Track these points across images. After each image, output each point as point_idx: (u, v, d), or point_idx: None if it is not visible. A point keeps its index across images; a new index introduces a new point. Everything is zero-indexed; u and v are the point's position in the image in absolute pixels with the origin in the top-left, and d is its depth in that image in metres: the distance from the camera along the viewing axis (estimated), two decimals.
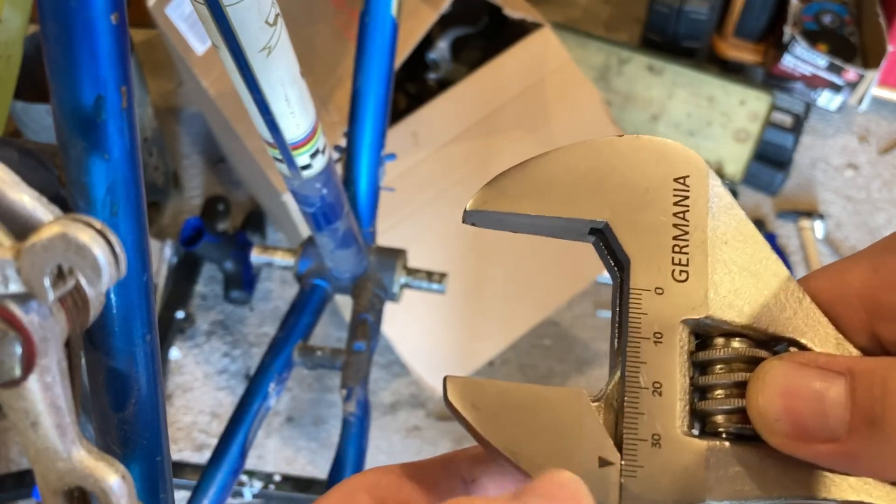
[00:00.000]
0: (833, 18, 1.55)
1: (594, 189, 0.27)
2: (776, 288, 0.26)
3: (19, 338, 0.22)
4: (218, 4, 0.50)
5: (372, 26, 0.80)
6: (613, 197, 0.26)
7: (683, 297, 0.26)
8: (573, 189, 0.27)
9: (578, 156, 0.27)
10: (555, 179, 0.27)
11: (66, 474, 0.25)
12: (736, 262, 0.26)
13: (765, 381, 0.24)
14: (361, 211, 0.86)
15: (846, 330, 0.25)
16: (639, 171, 0.26)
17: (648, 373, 0.25)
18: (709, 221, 0.26)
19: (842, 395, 0.23)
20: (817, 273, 0.26)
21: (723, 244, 0.26)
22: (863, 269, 0.25)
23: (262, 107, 0.59)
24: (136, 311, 0.42)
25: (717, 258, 0.26)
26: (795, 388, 0.23)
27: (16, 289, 0.22)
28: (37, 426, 0.24)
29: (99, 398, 0.44)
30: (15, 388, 0.23)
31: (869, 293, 0.24)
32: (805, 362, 0.24)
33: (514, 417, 0.25)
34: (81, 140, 0.38)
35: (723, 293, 0.26)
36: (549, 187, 0.27)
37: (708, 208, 0.26)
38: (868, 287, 0.24)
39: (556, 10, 1.86)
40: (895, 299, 0.24)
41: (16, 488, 1.11)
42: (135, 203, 0.40)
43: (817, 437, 0.23)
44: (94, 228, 0.21)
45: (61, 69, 0.37)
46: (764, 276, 0.26)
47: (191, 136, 1.68)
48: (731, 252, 0.26)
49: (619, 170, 0.27)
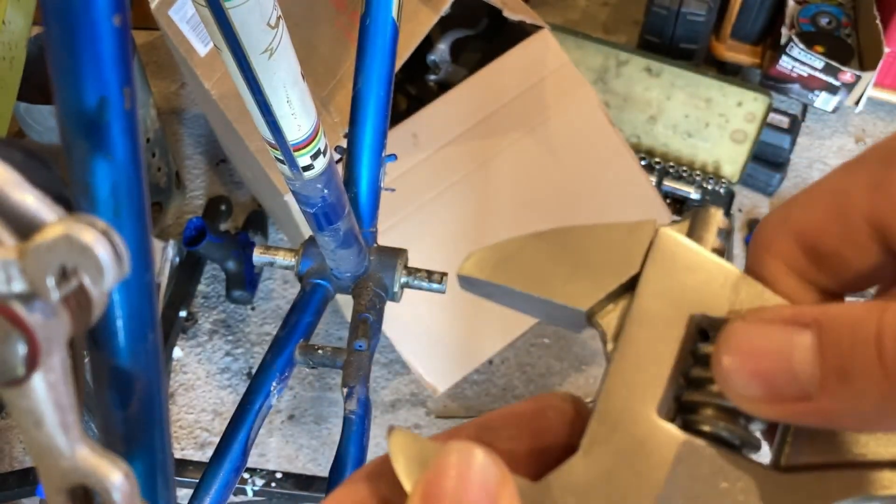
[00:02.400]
0: (830, 20, 1.56)
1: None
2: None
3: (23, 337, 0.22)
4: (220, 7, 0.50)
5: (373, 28, 0.80)
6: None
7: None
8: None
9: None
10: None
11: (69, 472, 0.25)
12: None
13: (729, 345, 0.22)
14: (362, 211, 0.86)
15: (855, 259, 0.23)
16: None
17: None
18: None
19: (809, 351, 0.21)
20: (804, 202, 0.24)
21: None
22: (863, 191, 0.22)
23: (263, 108, 0.59)
24: (139, 310, 0.42)
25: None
26: (761, 348, 0.22)
27: (20, 288, 0.22)
28: (40, 425, 0.24)
29: (102, 397, 0.44)
30: (19, 386, 0.23)
31: (877, 217, 0.22)
32: (769, 318, 0.22)
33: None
34: (85, 141, 0.38)
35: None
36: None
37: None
38: (875, 209, 0.22)
39: (556, 12, 1.86)
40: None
41: (19, 486, 1.11)
42: (138, 203, 0.40)
43: (789, 397, 0.21)
44: (97, 229, 0.21)
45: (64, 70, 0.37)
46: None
47: (193, 136, 1.68)
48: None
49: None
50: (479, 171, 1.17)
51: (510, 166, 1.18)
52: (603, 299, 0.26)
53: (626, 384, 0.25)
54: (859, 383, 0.20)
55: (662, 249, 0.26)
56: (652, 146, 1.57)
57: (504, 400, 1.35)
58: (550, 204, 1.20)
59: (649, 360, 0.25)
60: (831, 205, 0.23)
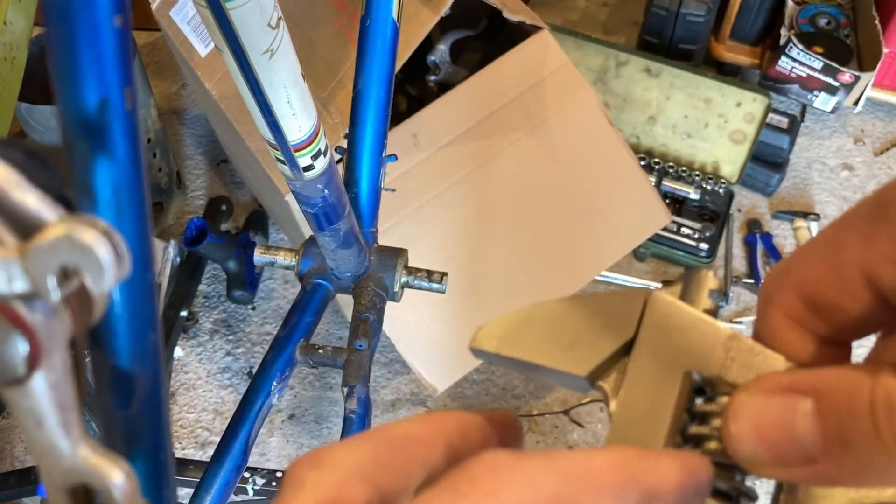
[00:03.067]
0: (829, 21, 1.56)
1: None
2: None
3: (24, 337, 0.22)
4: (221, 8, 0.50)
5: (373, 29, 0.81)
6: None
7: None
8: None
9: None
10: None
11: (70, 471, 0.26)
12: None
13: (736, 417, 0.24)
14: (363, 211, 0.86)
15: (850, 308, 0.25)
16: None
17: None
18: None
19: (810, 418, 0.23)
20: (803, 257, 0.26)
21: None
22: (856, 244, 0.24)
23: (264, 108, 0.59)
24: (140, 310, 0.42)
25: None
26: (766, 420, 0.24)
27: (21, 288, 0.22)
28: (41, 424, 0.24)
29: (103, 396, 0.44)
30: (20, 386, 0.23)
31: (868, 268, 0.24)
32: (770, 387, 0.24)
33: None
34: (86, 141, 0.38)
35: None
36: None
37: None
38: (865, 261, 0.24)
39: (555, 12, 1.86)
40: (893, 271, 0.23)
41: (21, 485, 1.11)
42: (139, 204, 0.40)
43: (795, 461, 0.23)
44: (98, 229, 0.22)
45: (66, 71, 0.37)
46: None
47: (194, 137, 1.68)
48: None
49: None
50: (479, 172, 1.17)
51: (510, 167, 1.18)
52: (602, 363, 0.27)
53: (627, 442, 0.26)
54: (858, 450, 0.22)
55: (655, 312, 0.27)
56: (651, 146, 1.57)
57: (504, 399, 1.35)
58: (550, 204, 1.20)
59: (647, 417, 0.26)
60: (826, 258, 0.25)
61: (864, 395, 0.22)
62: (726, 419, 0.24)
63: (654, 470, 0.22)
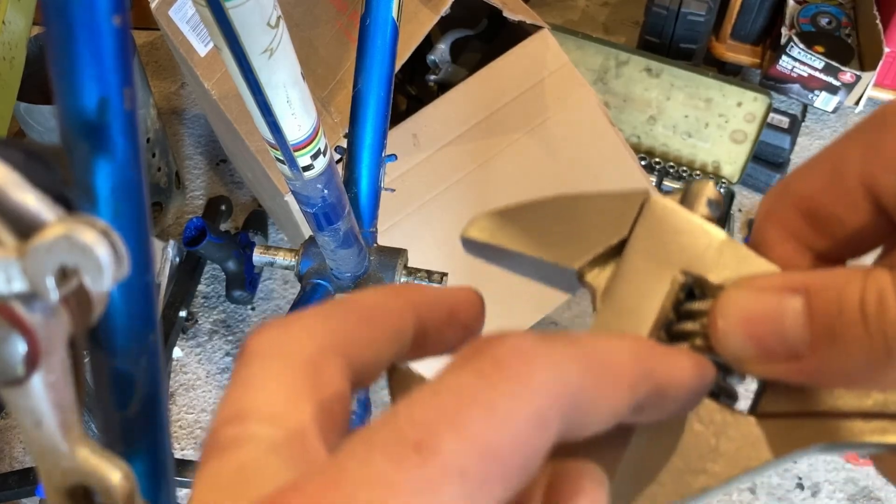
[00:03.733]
0: (830, 20, 1.56)
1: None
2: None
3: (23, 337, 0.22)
4: (220, 7, 0.50)
5: (373, 29, 0.80)
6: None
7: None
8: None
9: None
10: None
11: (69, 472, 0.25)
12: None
13: (724, 311, 0.24)
14: (362, 211, 0.86)
15: (849, 220, 0.25)
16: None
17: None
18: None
19: (799, 314, 0.23)
20: (803, 171, 0.25)
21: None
22: (857, 154, 0.24)
23: (263, 108, 0.59)
24: (139, 310, 0.42)
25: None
26: (755, 314, 0.23)
27: (20, 288, 0.22)
28: (41, 425, 0.24)
29: (102, 397, 0.44)
30: (19, 386, 0.23)
31: (868, 177, 0.24)
32: (762, 286, 0.24)
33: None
34: (85, 141, 0.38)
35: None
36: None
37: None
38: (866, 169, 0.24)
39: (555, 12, 1.86)
40: (893, 179, 0.23)
41: (20, 486, 1.11)
42: (138, 203, 0.40)
43: (780, 357, 0.23)
44: (97, 229, 0.21)
45: (65, 71, 0.37)
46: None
47: (193, 137, 1.68)
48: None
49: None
50: (479, 172, 1.17)
51: (510, 166, 1.18)
52: (593, 260, 0.27)
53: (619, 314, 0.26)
54: (845, 345, 0.21)
55: (652, 214, 0.27)
56: (652, 146, 1.57)
57: None
58: None
59: (633, 313, 0.26)
60: (828, 169, 0.25)
61: (855, 289, 0.22)
62: (714, 314, 0.24)
63: (670, 364, 0.21)
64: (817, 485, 1.26)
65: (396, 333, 0.23)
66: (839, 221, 0.25)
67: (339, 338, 0.21)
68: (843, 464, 1.28)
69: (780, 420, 0.24)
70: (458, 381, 0.17)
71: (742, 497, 1.26)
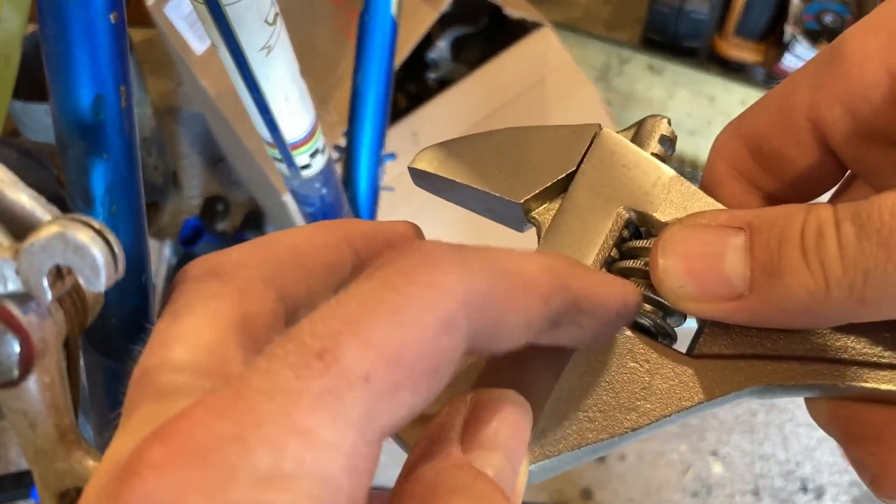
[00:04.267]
0: (834, 18, 1.55)
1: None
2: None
3: (18, 338, 0.22)
4: (217, 4, 0.50)
5: (371, 26, 0.80)
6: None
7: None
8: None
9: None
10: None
11: (64, 475, 0.25)
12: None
13: (665, 248, 0.23)
14: (361, 211, 0.86)
15: (796, 157, 0.24)
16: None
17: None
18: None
19: (740, 251, 0.22)
20: (755, 107, 0.25)
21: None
22: (805, 88, 0.24)
23: (261, 106, 0.59)
24: (135, 311, 0.42)
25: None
26: (696, 251, 0.23)
27: (14, 289, 0.22)
28: (35, 427, 0.24)
29: (97, 399, 0.44)
30: (13, 388, 0.23)
31: (815, 113, 0.24)
32: (705, 222, 0.23)
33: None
34: (80, 140, 0.38)
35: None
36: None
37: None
38: (813, 106, 0.24)
39: (557, 9, 1.86)
40: (838, 113, 0.23)
41: (15, 489, 1.11)
42: (133, 203, 0.40)
43: (720, 296, 0.23)
44: (92, 228, 0.21)
45: (60, 68, 0.37)
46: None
47: (190, 135, 1.68)
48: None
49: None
50: None
51: None
52: (539, 194, 0.27)
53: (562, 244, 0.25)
54: (786, 279, 0.21)
55: (602, 147, 0.26)
56: None
57: None
58: None
59: (575, 248, 0.25)
60: (777, 106, 0.24)
61: (796, 223, 0.21)
62: (655, 250, 0.24)
63: (585, 280, 0.21)
64: (821, 487, 1.26)
65: (330, 267, 0.22)
66: (786, 159, 0.24)
67: (267, 270, 0.21)
68: (847, 466, 1.28)
69: (717, 361, 0.24)
70: (363, 289, 0.17)
71: (745, 500, 1.26)
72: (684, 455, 1.29)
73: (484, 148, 0.28)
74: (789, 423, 1.32)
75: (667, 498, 1.26)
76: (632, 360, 0.24)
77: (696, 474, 1.28)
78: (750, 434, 1.31)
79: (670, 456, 1.29)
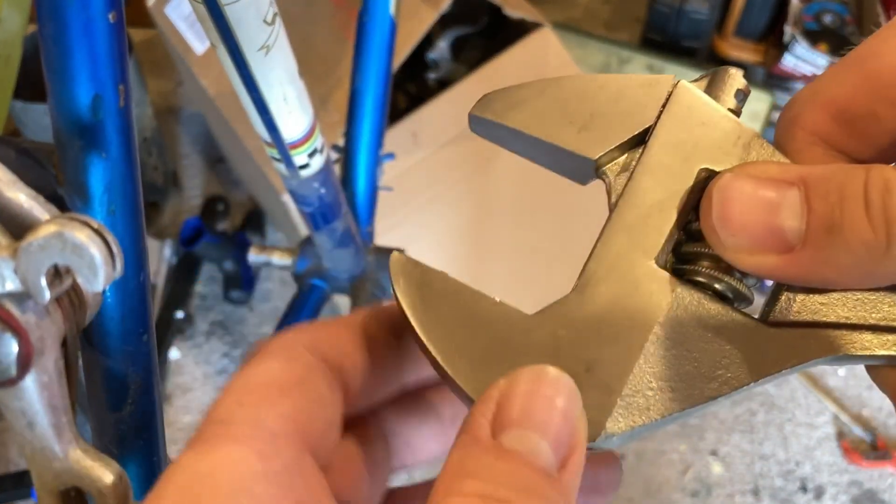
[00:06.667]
0: (834, 18, 1.55)
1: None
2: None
3: (16, 337, 0.22)
4: (216, 3, 0.50)
5: (370, 26, 0.80)
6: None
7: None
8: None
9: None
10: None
11: (62, 474, 0.25)
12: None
13: (717, 197, 0.23)
14: (360, 210, 0.86)
15: (888, 117, 0.24)
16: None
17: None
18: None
19: (796, 205, 0.22)
20: (832, 74, 0.25)
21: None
22: (893, 46, 0.23)
23: (260, 106, 0.59)
24: (134, 310, 0.41)
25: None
26: (748, 201, 0.23)
27: (12, 288, 0.22)
28: (33, 426, 0.24)
29: (96, 398, 0.43)
30: (11, 387, 0.23)
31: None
32: (757, 174, 0.23)
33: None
34: (79, 139, 0.38)
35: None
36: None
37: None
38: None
39: (557, 9, 1.85)
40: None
41: (14, 488, 1.11)
42: (132, 202, 0.40)
43: (772, 249, 0.22)
44: (90, 228, 0.21)
45: (59, 68, 0.37)
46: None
47: (190, 135, 1.67)
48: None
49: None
50: (480, 171, 1.16)
51: (511, 166, 1.17)
52: (613, 149, 0.26)
53: (627, 230, 0.25)
54: (846, 234, 0.21)
55: (679, 103, 0.25)
56: None
57: None
58: (551, 204, 1.20)
59: (653, 209, 0.25)
60: (861, 69, 0.24)
61: (858, 180, 0.21)
62: (705, 198, 0.23)
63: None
64: (821, 487, 1.26)
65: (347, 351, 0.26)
66: (875, 119, 0.24)
67: (310, 342, 0.25)
68: (847, 466, 1.27)
69: (792, 329, 0.24)
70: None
71: (745, 499, 1.26)
72: (684, 455, 1.29)
73: (551, 97, 0.26)
74: (789, 423, 1.32)
75: (666, 497, 1.26)
76: (711, 330, 0.24)
77: (696, 474, 1.28)
78: (750, 434, 1.31)
79: (670, 455, 1.29)
